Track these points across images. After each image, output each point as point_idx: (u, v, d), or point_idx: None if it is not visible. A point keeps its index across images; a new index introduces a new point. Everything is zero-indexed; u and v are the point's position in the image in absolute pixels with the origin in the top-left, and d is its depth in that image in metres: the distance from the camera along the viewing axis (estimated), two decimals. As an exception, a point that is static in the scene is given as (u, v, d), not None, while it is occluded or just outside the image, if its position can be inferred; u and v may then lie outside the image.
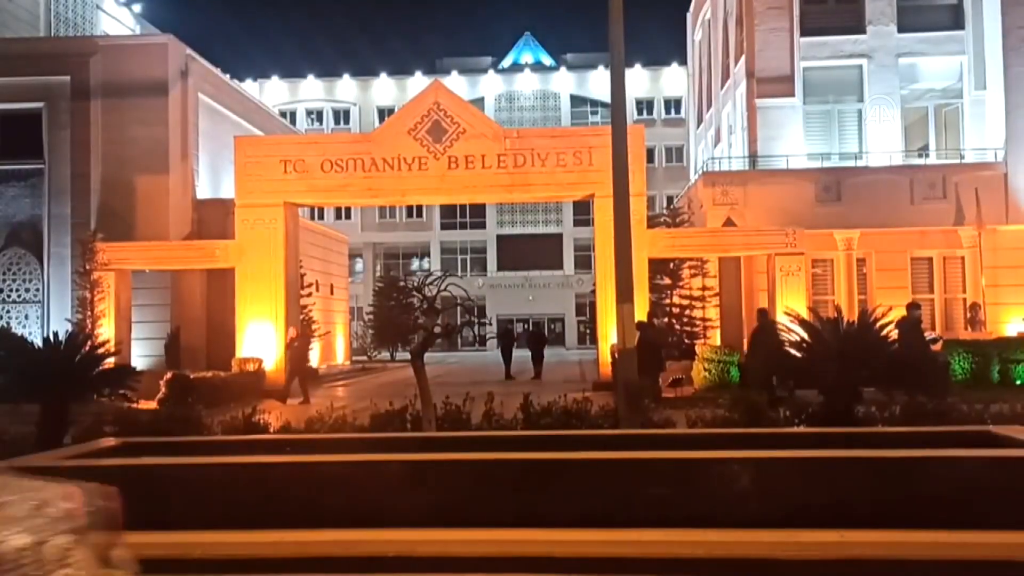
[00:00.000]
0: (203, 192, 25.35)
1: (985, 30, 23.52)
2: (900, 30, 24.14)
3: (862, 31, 24.20)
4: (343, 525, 5.80)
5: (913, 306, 14.71)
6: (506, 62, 59.91)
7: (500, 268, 55.13)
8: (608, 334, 19.27)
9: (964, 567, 6.33)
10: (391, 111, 47.57)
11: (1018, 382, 17.66)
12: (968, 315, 22.28)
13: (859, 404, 10.92)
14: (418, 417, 11.06)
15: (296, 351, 19.34)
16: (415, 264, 56.44)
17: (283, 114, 48.76)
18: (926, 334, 15.88)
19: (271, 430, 10.72)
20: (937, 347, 16.71)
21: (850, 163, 23.72)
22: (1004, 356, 18.17)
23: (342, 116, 58.26)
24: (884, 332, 11.74)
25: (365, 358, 34.75)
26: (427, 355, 11.17)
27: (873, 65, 24.16)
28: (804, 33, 24.29)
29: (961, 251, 22.72)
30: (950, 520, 6.94)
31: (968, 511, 7.05)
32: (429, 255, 56.08)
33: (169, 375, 17.24)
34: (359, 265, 54.49)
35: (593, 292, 25.68)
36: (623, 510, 7.20)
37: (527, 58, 59.76)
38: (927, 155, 24.81)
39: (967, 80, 24.10)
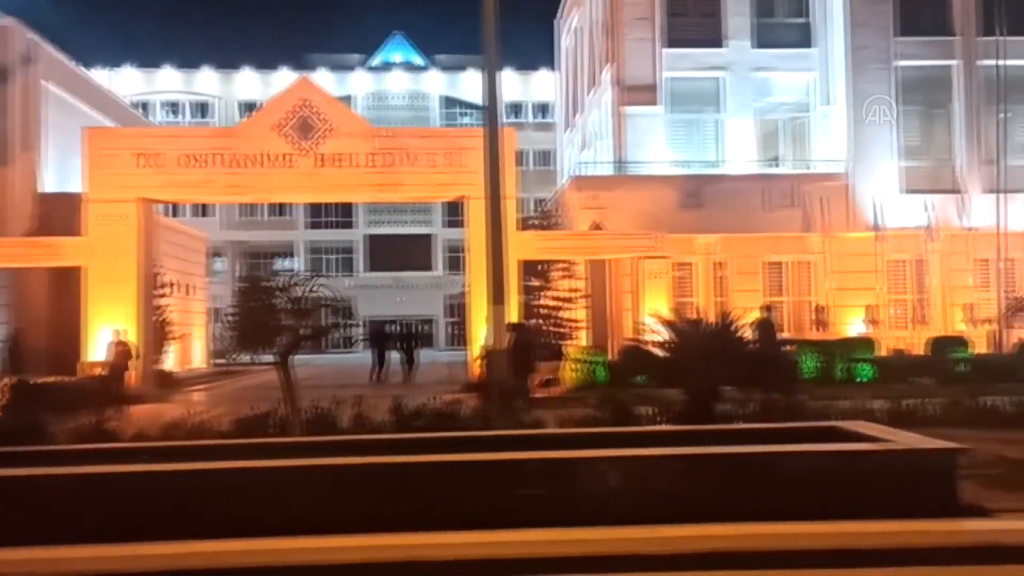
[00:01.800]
0: (50, 186, 23.82)
1: (832, 49, 25.01)
2: (756, 46, 25.32)
3: (721, 45, 25.24)
4: (207, 535, 5.55)
5: (766, 308, 15.44)
6: (376, 60, 59.21)
7: (369, 269, 54.42)
8: (479, 335, 19.33)
9: (817, 556, 6.67)
10: (255, 106, 46.13)
11: (860, 380, 18.82)
12: (815, 316, 23.61)
13: (720, 402, 11.37)
14: (284, 421, 10.75)
15: (118, 355, 18.48)
16: (280, 264, 54.95)
17: (137, 106, 46.50)
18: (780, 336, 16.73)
19: (124, 438, 10.18)
20: (791, 349, 17.59)
21: (710, 171, 24.71)
22: (848, 355, 19.34)
23: (202, 110, 56.07)
24: (740, 333, 12.29)
25: (226, 361, 33.57)
26: (294, 357, 10.87)
27: (731, 78, 25.24)
28: (668, 44, 25.12)
29: (810, 256, 24.05)
30: (804, 511, 7.30)
31: (820, 502, 7.44)
32: (295, 255, 54.75)
33: (10, 380, 16.11)
34: (220, 264, 52.66)
35: (464, 293, 25.71)
36: (497, 511, 7.21)
37: (397, 57, 59.26)
38: (779, 165, 26.12)
39: (816, 95, 25.54)
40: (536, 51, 70.19)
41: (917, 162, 24.50)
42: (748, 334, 12.55)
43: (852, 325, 23.14)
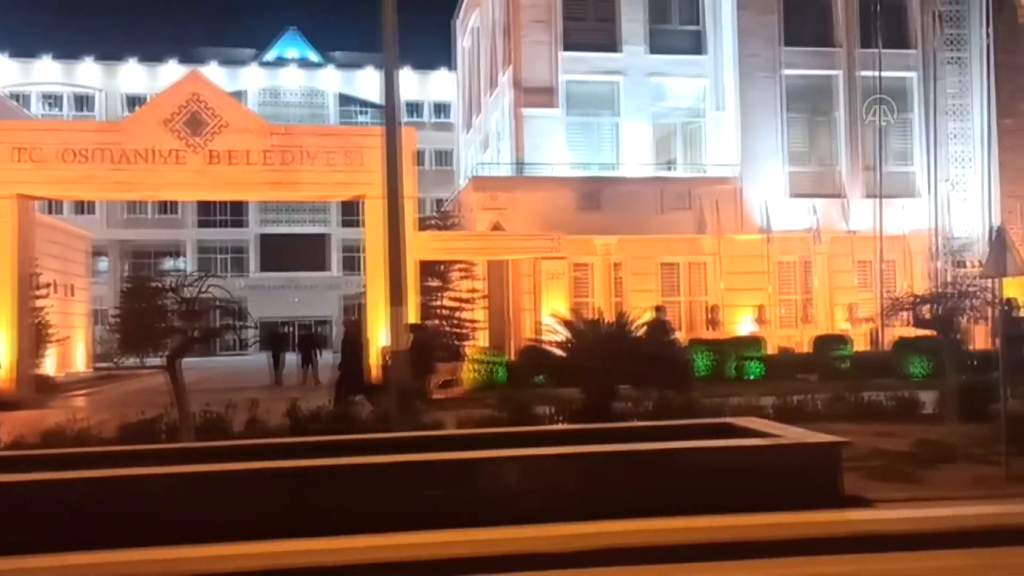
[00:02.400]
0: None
1: (723, 56, 25.78)
2: (651, 51, 25.84)
3: (617, 50, 25.67)
4: (90, 547, 5.28)
5: (658, 309, 15.76)
6: (270, 56, 57.81)
7: (263, 269, 53.09)
8: (377, 337, 19.09)
9: (713, 549, 6.83)
10: (142, 100, 44.44)
11: (750, 377, 19.48)
12: (708, 316, 24.30)
13: (617, 401, 11.57)
14: (174, 426, 10.37)
15: None
16: (168, 264, 53.04)
17: (14, 97, 44.08)
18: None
19: None
20: (678, 343, 18.00)
21: (607, 173, 25.10)
22: (739, 353, 19.99)
23: (84, 102, 53.62)
24: (636, 333, 12.53)
25: (110, 365, 32.18)
26: (183, 361, 10.50)
27: (627, 82, 25.70)
28: (566, 48, 25.38)
29: (703, 257, 24.72)
30: (701, 505, 7.48)
31: (714, 496, 7.64)
32: (184, 254, 52.94)
33: None
34: (103, 264, 50.48)
35: (361, 294, 25.36)
36: (399, 514, 7.12)
37: (292, 53, 58.02)
38: (674, 168, 26.74)
39: (708, 101, 26.26)
40: (434, 51, 69.98)
41: (803, 167, 25.50)
42: (642, 334, 12.80)
43: (742, 324, 23.91)
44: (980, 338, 21.82)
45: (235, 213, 52.78)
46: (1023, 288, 20.54)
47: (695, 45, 26.36)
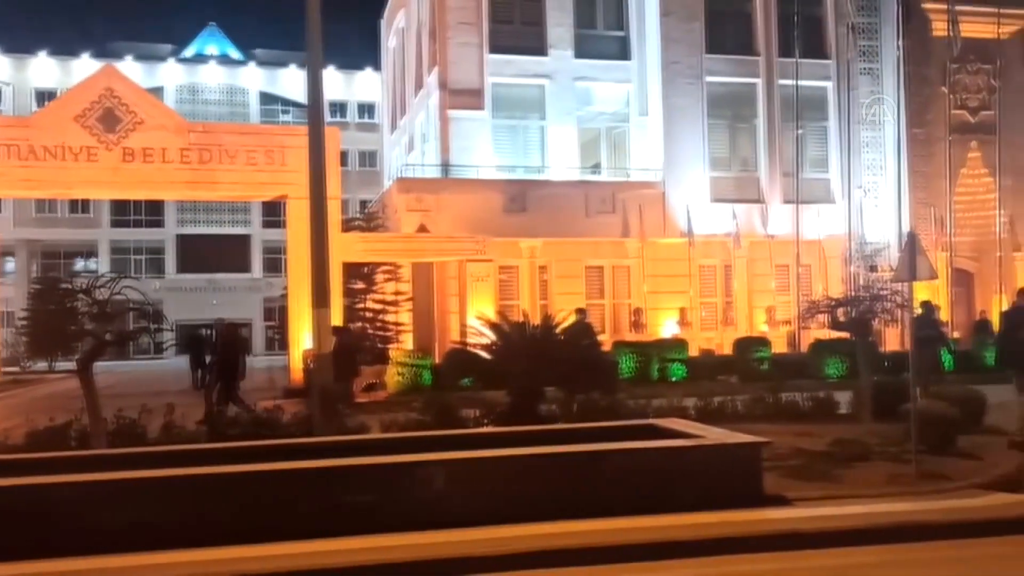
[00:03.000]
0: None
1: (647, 62, 26.13)
2: (577, 56, 26.04)
3: (544, 53, 25.79)
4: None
5: (580, 311, 15.84)
6: (189, 52, 56.34)
7: (181, 270, 51.67)
8: (300, 339, 18.76)
9: (640, 549, 6.87)
10: (53, 95, 42.78)
11: (673, 378, 19.77)
12: (632, 319, 24.58)
13: (543, 403, 11.58)
14: (85, 433, 9.98)
15: None
16: (80, 264, 51.21)
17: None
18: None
19: None
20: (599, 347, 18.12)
21: (534, 176, 25.18)
22: (662, 356, 20.27)
23: (-9, 96, 51.42)
24: (561, 335, 12.57)
25: (17, 369, 30.86)
26: (96, 365, 10.11)
27: (553, 86, 25.84)
28: (493, 50, 25.39)
29: (628, 261, 25.02)
30: (627, 506, 7.53)
31: (641, 496, 7.70)
32: (97, 255, 51.17)
33: None
34: (11, 265, 48.45)
35: (283, 296, 24.89)
36: (321, 520, 6.97)
37: (212, 49, 56.65)
38: (600, 172, 26.99)
39: (633, 106, 26.58)
40: (360, 50, 69.22)
41: (724, 173, 26.02)
42: (567, 336, 12.84)
43: (666, 327, 24.26)
44: (893, 340, 22.63)
45: (152, 213, 51.25)
46: (933, 291, 21.39)
47: (621, 51, 26.67)
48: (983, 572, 6.52)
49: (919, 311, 17.59)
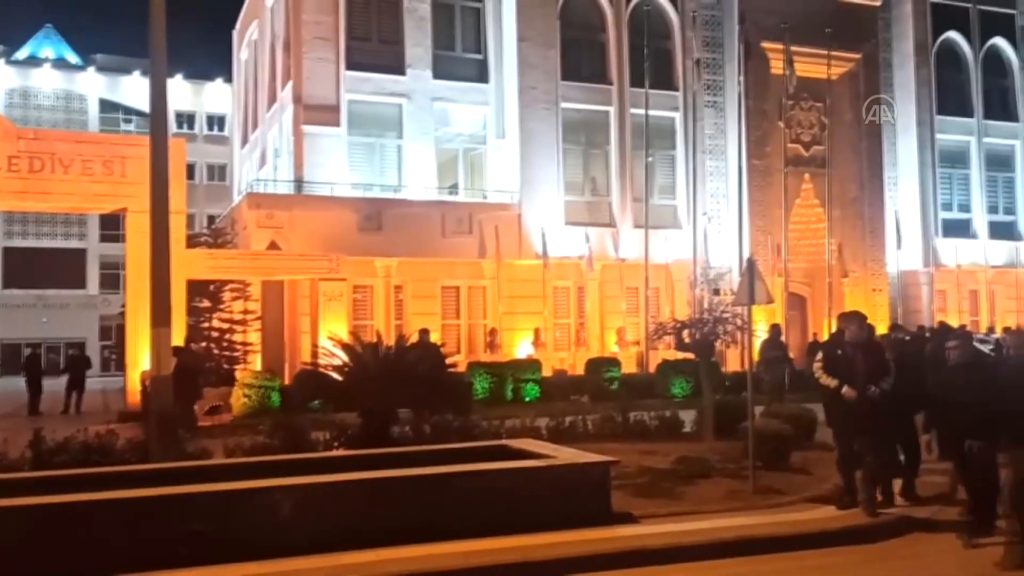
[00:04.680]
0: None
1: (505, 86, 26.49)
2: (435, 76, 26.07)
3: (402, 72, 25.67)
4: None
5: (423, 331, 15.73)
6: (21, 54, 52.72)
7: (7, 286, 48.03)
8: (139, 360, 17.76)
9: (493, 572, 6.84)
10: None
11: (527, 399, 19.94)
12: (488, 339, 24.69)
13: (396, 425, 11.40)
14: None
15: None
16: None
17: None
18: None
19: None
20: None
21: (390, 195, 24.95)
22: (516, 376, 20.42)
23: None
24: (413, 355, 12.46)
25: None
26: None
27: (411, 106, 25.76)
28: (350, 67, 25.05)
29: (484, 281, 25.14)
30: (480, 528, 7.49)
31: (493, 518, 7.68)
32: (-91, 268, 46.96)
33: None
34: None
35: (122, 314, 23.55)
36: (159, 550, 6.57)
37: (48, 52, 53.24)
38: (457, 193, 27.06)
39: (490, 128, 26.83)
40: (213, 61, 66.94)
41: (578, 197, 26.63)
42: (418, 357, 12.73)
43: (520, 347, 24.49)
44: (734, 361, 23.70)
45: (-27, 224, 47.55)
46: (771, 315, 22.58)
47: (479, 73, 26.92)
48: (814, 582, 6.86)
49: (767, 333, 18.55)
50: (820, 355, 8.97)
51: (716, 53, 27.97)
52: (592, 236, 25.58)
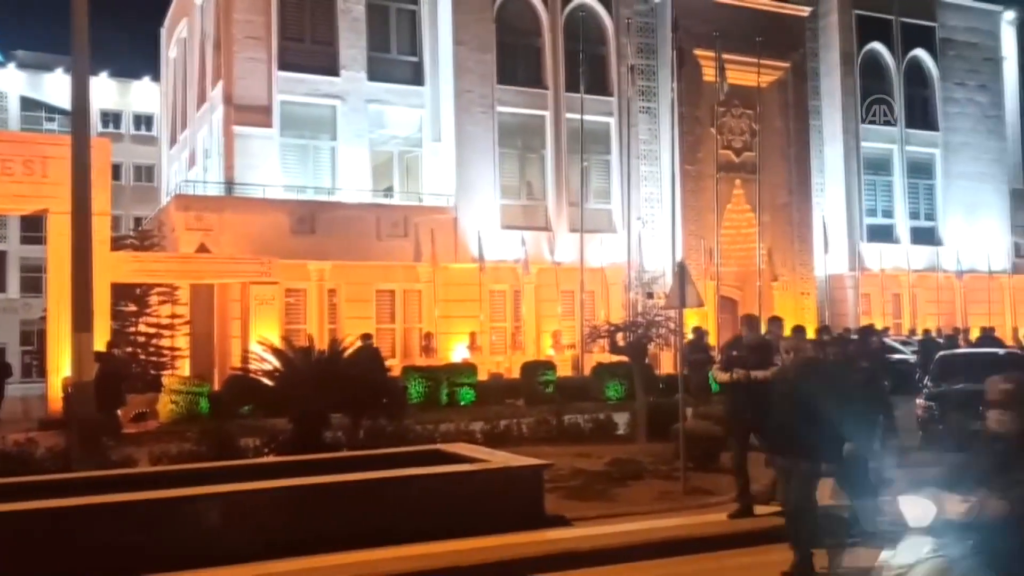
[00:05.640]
0: None
1: (441, 89, 26.40)
2: (370, 78, 25.85)
3: (336, 74, 25.39)
4: None
5: (365, 336, 15.62)
6: (-62, 48, 50.74)
7: (-85, 289, 46.10)
8: (60, 366, 17.18)
9: (421, 579, 6.78)
10: None
11: (463, 403, 19.87)
12: (423, 343, 24.55)
13: (329, 430, 11.25)
14: None
15: None
16: None
17: None
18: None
19: None
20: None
21: (324, 197, 24.64)
22: (452, 380, 20.32)
23: None
24: (347, 360, 12.31)
25: None
26: None
27: (345, 107, 25.49)
28: (282, 68, 24.68)
29: (419, 285, 25.01)
30: (414, 533, 7.43)
31: (427, 523, 7.62)
32: None
33: None
34: None
35: (43, 319, 22.76)
36: (79, 563, 6.35)
37: (-34, 47, 51.30)
38: (392, 195, 26.88)
39: (426, 131, 26.70)
40: (140, 59, 65.34)
41: (514, 201, 26.70)
42: (353, 362, 12.60)
43: (456, 351, 24.41)
44: (667, 363, 23.98)
45: None
46: (702, 317, 22.93)
47: (415, 76, 26.78)
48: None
49: (691, 336, 18.81)
50: (720, 357, 9.18)
51: (650, 59, 28.34)
52: (528, 240, 25.65)
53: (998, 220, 34.09)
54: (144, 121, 50.82)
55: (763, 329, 10.08)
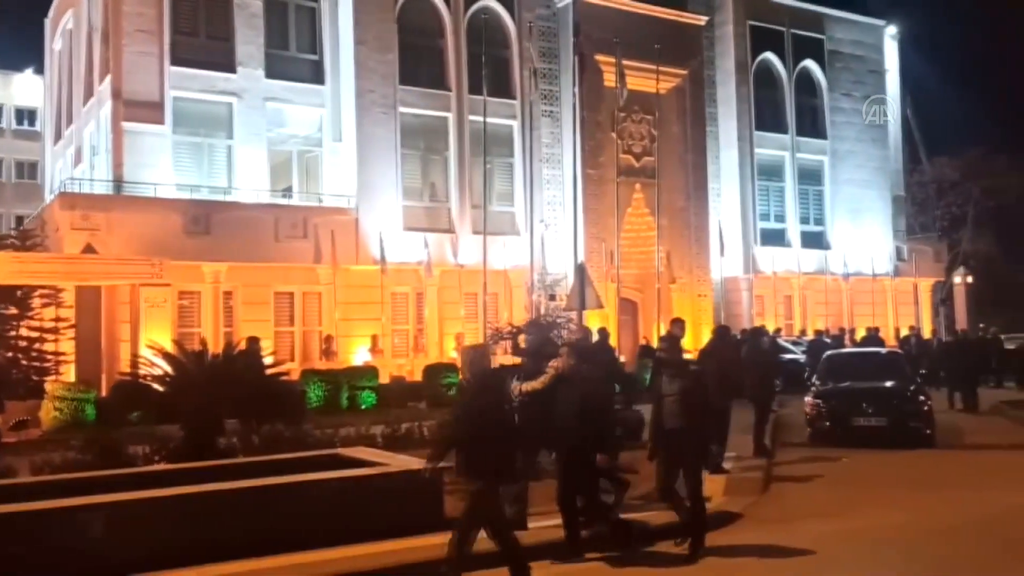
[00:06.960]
0: None
1: (342, 89, 26.00)
2: (268, 76, 25.19)
3: (233, 70, 24.65)
4: None
5: (251, 339, 15.28)
6: None
7: None
8: (-69, 373, 16.21)
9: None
10: None
11: (364, 406, 19.63)
12: (323, 346, 24.11)
13: (222, 436, 10.91)
14: None
15: None
16: None
17: None
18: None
19: None
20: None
21: (220, 197, 23.92)
22: (352, 384, 20.07)
23: None
24: (242, 364, 11.99)
25: None
26: None
27: (242, 105, 24.80)
28: (175, 63, 23.83)
29: (319, 287, 24.56)
30: (313, 539, 7.26)
31: (326, 528, 7.47)
32: None
33: None
34: None
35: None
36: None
37: None
38: (291, 196, 26.31)
39: (326, 131, 26.23)
40: (22, 50, 62.30)
41: (417, 203, 26.49)
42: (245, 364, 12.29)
43: (357, 354, 24.07)
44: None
45: None
46: (604, 319, 23.26)
47: (314, 74, 26.31)
48: None
49: (595, 336, 19.04)
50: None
51: (552, 64, 28.60)
52: (431, 242, 25.52)
53: (881, 225, 35.81)
54: (27, 115, 48.31)
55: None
